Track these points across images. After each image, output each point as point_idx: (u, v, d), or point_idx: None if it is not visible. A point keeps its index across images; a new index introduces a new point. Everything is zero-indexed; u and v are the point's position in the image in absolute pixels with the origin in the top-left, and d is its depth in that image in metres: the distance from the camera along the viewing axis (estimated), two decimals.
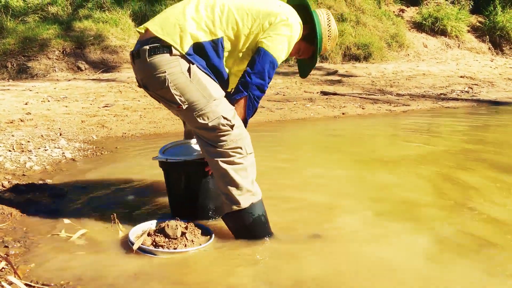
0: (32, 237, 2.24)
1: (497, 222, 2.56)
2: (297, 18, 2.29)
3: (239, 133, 2.17)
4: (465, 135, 4.96)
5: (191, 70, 2.12)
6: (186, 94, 2.13)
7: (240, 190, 2.17)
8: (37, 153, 3.68)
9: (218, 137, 2.14)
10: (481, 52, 12.14)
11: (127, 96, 6.39)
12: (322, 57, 10.03)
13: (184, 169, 2.43)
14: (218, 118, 2.13)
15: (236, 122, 2.16)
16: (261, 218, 2.25)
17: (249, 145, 2.21)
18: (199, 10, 2.18)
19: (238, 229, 2.26)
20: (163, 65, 2.10)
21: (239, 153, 2.17)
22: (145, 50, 2.11)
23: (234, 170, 2.16)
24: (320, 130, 5.15)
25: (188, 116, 2.18)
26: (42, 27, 8.59)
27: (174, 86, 2.11)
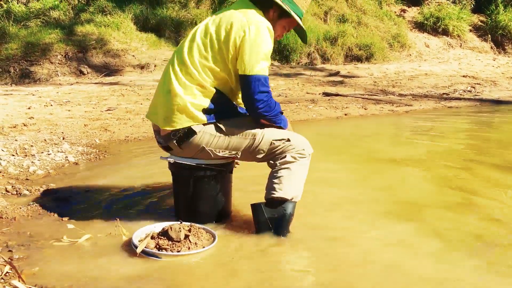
0: (36, 242, 2.25)
1: (503, 222, 2.56)
2: (251, 17, 2.22)
3: (296, 140, 2.31)
4: (469, 134, 4.95)
5: (220, 128, 2.28)
6: (232, 148, 2.31)
7: (294, 182, 2.29)
8: (40, 157, 3.69)
9: (282, 152, 2.30)
10: (483, 51, 12.12)
11: (130, 99, 6.40)
12: (324, 58, 10.03)
13: (194, 172, 2.43)
14: (271, 144, 2.29)
15: (289, 135, 2.31)
16: (290, 217, 2.33)
17: (308, 146, 2.34)
18: (183, 82, 2.25)
19: (263, 220, 2.31)
20: (197, 144, 2.28)
21: (303, 155, 2.31)
22: (174, 144, 2.31)
23: (298, 165, 2.29)
24: (323, 131, 5.14)
25: (247, 158, 2.38)
26: (44, 31, 8.62)
27: (218, 149, 2.30)
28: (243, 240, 2.29)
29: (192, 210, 2.48)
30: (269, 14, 2.31)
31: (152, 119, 2.40)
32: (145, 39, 9.17)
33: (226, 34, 2.20)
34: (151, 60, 8.65)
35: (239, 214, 2.63)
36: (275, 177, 2.30)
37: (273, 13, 2.32)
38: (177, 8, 10.08)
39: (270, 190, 2.31)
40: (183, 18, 9.97)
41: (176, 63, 2.30)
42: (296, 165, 2.29)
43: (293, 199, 2.31)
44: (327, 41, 10.22)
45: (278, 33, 2.39)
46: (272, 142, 2.28)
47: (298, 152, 2.30)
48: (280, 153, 2.30)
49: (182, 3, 10.19)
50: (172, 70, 2.30)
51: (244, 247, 2.22)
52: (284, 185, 2.28)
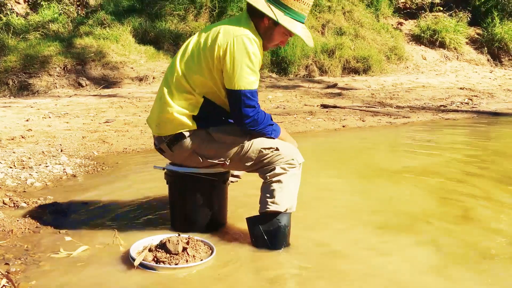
0: (33, 254, 2.23)
1: (500, 234, 2.55)
2: (236, 30, 2.22)
3: (285, 149, 2.31)
4: (466, 146, 4.96)
5: (209, 134, 2.31)
6: (220, 154, 2.32)
7: (286, 194, 2.29)
8: (38, 170, 3.68)
9: (270, 162, 2.30)
10: (480, 63, 12.19)
11: (128, 111, 6.41)
12: (322, 70, 10.08)
13: (188, 181, 2.44)
14: (260, 152, 2.30)
15: (278, 144, 2.31)
16: (286, 229, 2.33)
17: (298, 155, 2.34)
18: (173, 90, 2.30)
19: (260, 234, 2.31)
20: (187, 148, 2.31)
21: (292, 165, 2.31)
22: (165, 146, 2.35)
23: (288, 176, 2.30)
24: (321, 143, 5.15)
25: (236, 166, 2.40)
26: (43, 44, 8.66)
27: (207, 155, 2.32)
28: (241, 253, 2.29)
29: (187, 219, 2.50)
30: (264, 23, 2.29)
31: (149, 123, 2.47)
32: (143, 52, 9.21)
33: (211, 45, 2.22)
34: (149, 72, 8.68)
35: (236, 223, 2.62)
36: (267, 191, 2.31)
37: (268, 21, 2.29)
38: (175, 21, 10.14)
39: (264, 204, 2.31)
40: (182, 30, 10.02)
41: (169, 72, 2.36)
42: (287, 176, 2.29)
43: (287, 211, 2.31)
44: (324, 53, 10.28)
45: (281, 40, 2.36)
46: (261, 150, 2.29)
47: (288, 162, 2.30)
48: (269, 163, 2.31)
49: (181, 16, 10.25)
50: (166, 78, 2.36)
51: (242, 260, 2.21)
52: (276, 198, 2.28)
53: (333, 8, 11.45)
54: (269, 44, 2.35)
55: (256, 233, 2.33)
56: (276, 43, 2.38)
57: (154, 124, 2.39)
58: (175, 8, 10.23)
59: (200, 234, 2.38)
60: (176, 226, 2.53)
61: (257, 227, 2.32)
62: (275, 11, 2.25)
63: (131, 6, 10.37)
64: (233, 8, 10.48)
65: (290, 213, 2.34)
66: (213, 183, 2.45)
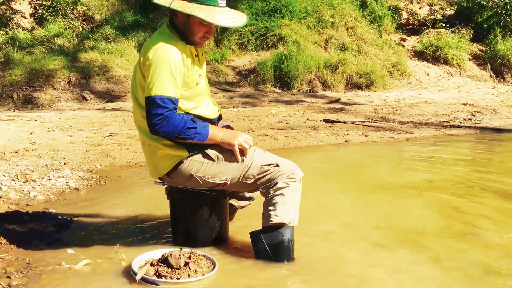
0: (34, 268, 2.23)
1: (503, 250, 2.54)
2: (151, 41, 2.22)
3: (285, 165, 2.33)
4: (469, 162, 4.94)
5: (207, 154, 2.30)
6: (221, 172, 2.31)
7: (288, 207, 2.29)
8: (41, 183, 3.69)
9: (271, 178, 2.31)
10: (482, 79, 12.21)
11: (132, 125, 6.43)
12: (325, 85, 10.11)
13: (188, 197, 2.44)
14: (261, 168, 2.30)
15: (278, 160, 2.32)
16: (289, 243, 2.32)
17: (298, 170, 2.35)
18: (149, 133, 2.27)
19: (263, 248, 2.30)
20: (185, 172, 2.30)
21: (293, 179, 2.32)
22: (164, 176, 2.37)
23: (290, 190, 2.30)
24: (324, 158, 5.15)
25: (237, 186, 2.39)
26: (48, 58, 8.73)
27: (207, 176, 2.30)
28: (243, 267, 2.28)
29: (188, 235, 2.50)
30: (180, 19, 2.23)
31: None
32: None
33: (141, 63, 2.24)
34: None
35: (238, 237, 2.61)
36: (269, 204, 2.31)
37: (181, 16, 2.22)
38: None
39: (267, 218, 2.31)
40: None
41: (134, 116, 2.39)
42: (289, 190, 2.30)
43: (290, 224, 2.31)
44: (327, 68, 10.33)
45: (203, 30, 2.24)
46: (262, 166, 2.30)
47: (289, 177, 2.31)
48: (269, 180, 2.31)
49: None
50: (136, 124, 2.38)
51: (245, 275, 2.20)
52: (279, 210, 2.28)
53: (336, 24, 11.53)
54: (193, 38, 2.26)
55: (259, 247, 2.32)
56: (201, 35, 2.26)
57: (151, 169, 2.40)
58: None
59: (202, 249, 2.38)
60: (177, 241, 2.52)
61: (260, 241, 2.32)
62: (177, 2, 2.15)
63: (136, 21, 10.47)
64: None
65: (293, 227, 2.34)
66: (214, 198, 2.45)
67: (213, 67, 9.82)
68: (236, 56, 10.40)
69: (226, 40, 10.46)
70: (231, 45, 10.42)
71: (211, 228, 2.49)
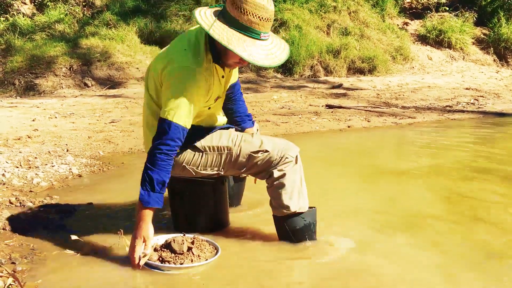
0: (39, 254, 2.25)
1: (505, 234, 2.54)
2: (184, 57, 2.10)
3: (275, 148, 2.27)
4: (472, 147, 4.94)
5: (195, 146, 2.29)
6: (212, 164, 2.31)
7: (293, 195, 2.28)
8: (44, 169, 3.70)
9: (265, 166, 2.28)
10: (486, 64, 12.13)
11: (133, 111, 6.43)
12: (327, 70, 10.07)
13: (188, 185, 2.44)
14: (250, 156, 2.28)
15: (267, 146, 2.27)
16: (311, 226, 2.35)
17: (290, 148, 2.30)
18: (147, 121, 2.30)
19: (285, 232, 2.34)
20: (178, 162, 2.28)
21: (288, 162, 2.27)
22: None
23: (289, 175, 2.27)
24: (326, 143, 5.15)
25: (232, 173, 2.39)
26: (49, 44, 8.70)
27: (199, 167, 2.30)
28: (245, 252, 2.29)
29: (189, 223, 2.50)
30: (217, 43, 2.03)
31: None
32: (149, 52, 9.23)
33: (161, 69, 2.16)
34: None
35: (240, 222, 2.62)
36: (273, 195, 2.32)
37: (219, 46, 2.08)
38: (181, 22, 10.16)
39: (275, 209, 2.33)
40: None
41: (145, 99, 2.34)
42: (287, 176, 2.28)
43: (300, 210, 2.30)
44: (330, 53, 10.27)
45: (236, 60, 2.08)
46: (250, 154, 2.28)
47: (282, 162, 2.27)
48: (264, 168, 2.29)
49: (186, 17, 10.27)
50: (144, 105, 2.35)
51: (247, 259, 2.21)
52: (284, 201, 2.28)
53: (339, 8, 11.43)
54: (226, 61, 2.13)
55: (281, 232, 2.37)
56: (236, 61, 2.10)
57: (143, 143, 2.41)
58: (180, 8, 10.25)
59: (205, 235, 2.39)
60: (178, 228, 2.53)
61: (282, 226, 2.35)
62: (218, 27, 1.98)
63: (137, 7, 10.40)
64: None
65: (314, 209, 2.36)
66: (211, 185, 2.45)
67: None
68: None
69: None
70: None
71: (211, 215, 2.50)
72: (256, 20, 1.96)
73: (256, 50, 1.98)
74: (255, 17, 1.95)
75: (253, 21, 1.96)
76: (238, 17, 1.95)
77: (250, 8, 1.94)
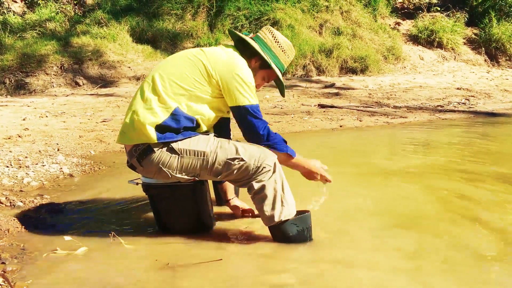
0: (29, 254, 2.23)
1: (497, 234, 2.55)
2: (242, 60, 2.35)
3: (252, 157, 2.26)
4: (464, 147, 4.96)
5: (173, 149, 2.26)
6: (187, 169, 2.28)
7: (275, 204, 2.28)
8: (35, 169, 3.67)
9: (242, 175, 2.28)
10: (477, 64, 12.22)
11: (125, 110, 6.37)
12: (320, 70, 10.10)
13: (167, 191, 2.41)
14: (226, 163, 2.26)
15: (244, 155, 2.26)
16: (304, 231, 2.36)
17: (267, 157, 2.28)
18: (146, 97, 2.28)
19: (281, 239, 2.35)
20: (155, 162, 2.27)
21: (266, 172, 2.26)
22: (135, 161, 2.31)
23: (269, 186, 2.27)
24: (319, 143, 5.15)
25: (208, 178, 2.37)
26: (40, 43, 8.64)
27: (174, 171, 2.27)
28: (230, 252, 2.28)
29: (172, 227, 2.48)
30: (251, 63, 2.40)
31: (119, 140, 2.41)
32: (141, 51, 9.20)
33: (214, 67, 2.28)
34: (147, 72, 8.67)
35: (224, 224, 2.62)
36: (257, 207, 2.32)
37: (255, 63, 2.42)
38: (173, 20, 10.13)
39: (264, 220, 2.33)
40: (179, 30, 10.02)
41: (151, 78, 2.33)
42: (267, 187, 2.27)
43: (286, 217, 2.30)
44: (322, 53, 10.29)
45: (258, 83, 2.46)
46: (227, 161, 2.26)
47: (260, 172, 2.26)
48: (242, 178, 2.28)
49: (179, 15, 10.25)
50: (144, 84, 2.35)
51: (231, 258, 2.21)
52: (269, 212, 2.28)
53: (331, 8, 11.47)
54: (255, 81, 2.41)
55: (276, 239, 2.37)
56: (258, 83, 2.47)
57: (124, 136, 2.34)
58: (172, 7, 10.23)
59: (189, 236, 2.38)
60: (161, 228, 2.52)
61: (275, 234, 2.37)
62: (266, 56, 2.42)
63: (129, 5, 10.37)
64: (230, 7, 10.48)
65: (308, 213, 2.37)
66: (191, 188, 2.40)
67: None
68: (231, 41, 10.31)
69: (220, 24, 10.38)
70: (225, 30, 10.34)
71: (193, 218, 2.47)
72: (288, 60, 2.53)
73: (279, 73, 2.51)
74: (288, 58, 2.51)
75: (286, 61, 2.52)
76: (278, 54, 2.47)
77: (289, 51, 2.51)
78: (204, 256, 2.18)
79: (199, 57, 2.31)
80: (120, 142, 2.36)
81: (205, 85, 2.27)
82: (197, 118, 2.31)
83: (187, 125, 2.27)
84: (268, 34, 2.46)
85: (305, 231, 2.36)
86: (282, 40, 2.47)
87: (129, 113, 2.31)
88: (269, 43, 2.44)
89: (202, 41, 9.92)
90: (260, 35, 2.47)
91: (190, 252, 2.27)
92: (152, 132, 2.23)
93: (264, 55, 2.40)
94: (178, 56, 2.39)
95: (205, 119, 2.34)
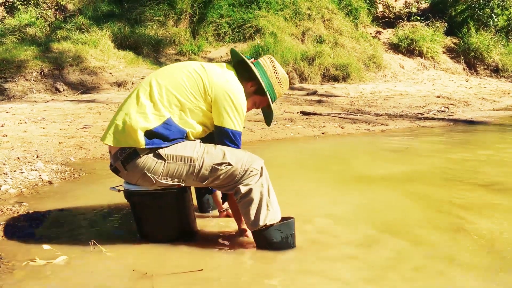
0: (6, 263, 2.18)
1: (477, 241, 2.59)
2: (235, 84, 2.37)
3: (239, 161, 2.28)
4: (443, 154, 5.03)
5: (159, 154, 2.26)
6: (173, 175, 2.28)
7: (261, 209, 2.29)
8: (13, 176, 3.61)
9: (230, 180, 2.28)
10: (456, 72, 12.44)
11: (106, 117, 6.34)
12: (302, 78, 10.16)
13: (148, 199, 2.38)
14: (213, 168, 2.26)
15: (231, 160, 2.27)
16: (288, 237, 2.37)
17: (254, 161, 2.31)
18: (141, 102, 2.28)
19: (263, 246, 2.36)
20: (140, 167, 2.26)
21: (253, 175, 2.28)
22: (120, 164, 2.29)
23: (255, 190, 2.28)
24: (301, 150, 5.17)
25: (193, 184, 2.37)
26: (19, 48, 8.53)
27: (160, 176, 2.27)
28: (215, 257, 2.27)
29: (155, 234, 2.45)
30: (247, 86, 2.43)
31: (105, 140, 2.33)
32: (122, 57, 9.14)
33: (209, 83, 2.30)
34: (128, 78, 8.61)
35: (208, 227, 2.60)
36: (243, 212, 2.32)
37: (251, 87, 2.45)
38: (155, 27, 10.10)
39: (248, 224, 2.34)
40: (162, 36, 9.99)
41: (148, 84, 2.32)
42: (254, 191, 2.28)
43: (271, 221, 2.31)
44: (304, 61, 10.36)
45: (248, 107, 2.48)
46: (213, 167, 2.26)
47: (247, 175, 2.28)
48: (229, 182, 2.29)
49: (161, 22, 10.23)
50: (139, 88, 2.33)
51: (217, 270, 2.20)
52: (254, 217, 2.29)
53: (313, 16, 11.57)
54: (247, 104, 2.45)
55: (259, 245, 2.38)
56: (249, 107, 2.50)
57: (112, 137, 2.28)
58: (155, 13, 10.20)
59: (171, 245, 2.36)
60: (143, 237, 2.48)
61: (257, 241, 2.38)
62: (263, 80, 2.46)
63: (110, 11, 10.32)
64: (213, 14, 10.50)
65: (292, 220, 2.37)
66: (174, 195, 2.38)
67: (189, 59, 9.73)
68: (213, 48, 10.33)
69: (203, 31, 10.38)
70: (207, 36, 10.35)
71: (176, 225, 2.45)
72: (281, 93, 2.59)
73: None
74: (282, 90, 2.58)
75: (280, 93, 2.58)
76: (274, 85, 2.52)
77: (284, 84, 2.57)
78: (185, 265, 2.16)
79: (199, 73, 2.32)
80: (106, 142, 2.30)
81: (200, 100, 2.28)
82: (187, 132, 2.31)
83: (177, 136, 2.27)
84: (268, 63, 2.51)
85: (289, 238, 2.37)
86: (281, 72, 2.53)
87: (120, 114, 2.28)
88: (268, 71, 2.49)
89: (184, 48, 9.90)
90: (261, 62, 2.51)
91: (171, 261, 2.25)
92: (141, 137, 2.22)
93: (261, 81, 2.44)
94: (177, 68, 2.38)
95: (195, 132, 2.34)
